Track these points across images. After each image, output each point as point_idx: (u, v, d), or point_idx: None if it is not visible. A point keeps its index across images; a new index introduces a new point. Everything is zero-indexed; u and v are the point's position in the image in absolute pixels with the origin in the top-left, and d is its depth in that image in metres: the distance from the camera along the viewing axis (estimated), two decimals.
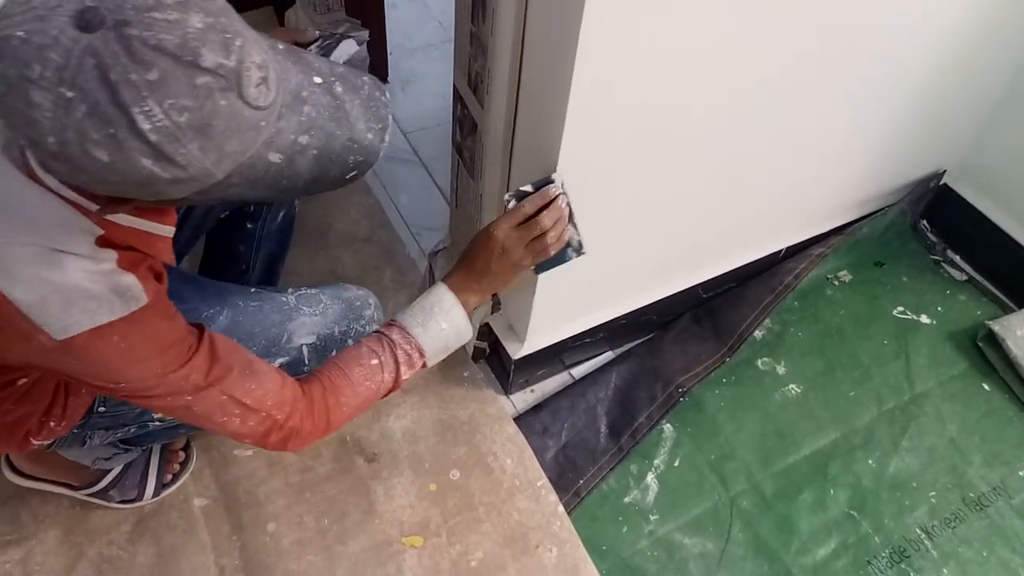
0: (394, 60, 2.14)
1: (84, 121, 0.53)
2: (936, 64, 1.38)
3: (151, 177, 0.57)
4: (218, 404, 0.81)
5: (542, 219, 0.94)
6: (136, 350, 0.73)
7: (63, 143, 0.54)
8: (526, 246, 0.94)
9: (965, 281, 1.77)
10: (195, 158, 0.57)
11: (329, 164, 0.68)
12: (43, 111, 0.53)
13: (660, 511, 1.38)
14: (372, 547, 1.29)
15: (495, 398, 1.49)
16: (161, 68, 0.54)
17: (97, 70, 0.53)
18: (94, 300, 0.69)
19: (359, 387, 0.91)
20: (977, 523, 1.40)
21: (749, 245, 1.60)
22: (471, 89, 1.17)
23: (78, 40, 0.53)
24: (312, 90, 0.66)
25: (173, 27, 0.54)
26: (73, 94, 0.53)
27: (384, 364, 0.92)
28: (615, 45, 0.89)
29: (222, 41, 0.56)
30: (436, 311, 0.94)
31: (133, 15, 0.53)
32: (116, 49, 0.53)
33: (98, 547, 1.25)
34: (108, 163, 0.55)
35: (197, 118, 0.56)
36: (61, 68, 0.52)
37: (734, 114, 1.15)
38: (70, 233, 0.68)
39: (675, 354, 1.57)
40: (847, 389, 1.57)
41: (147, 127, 0.54)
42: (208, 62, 0.55)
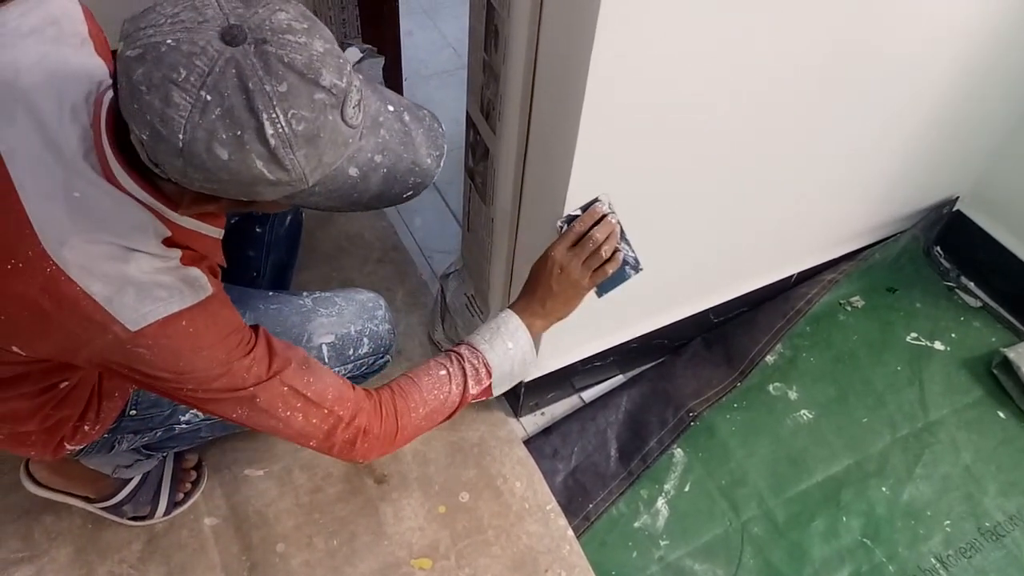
0: (409, 86, 2.17)
1: (216, 122, 0.60)
2: (949, 90, 1.38)
3: (258, 178, 0.63)
4: (280, 396, 0.83)
5: (594, 234, 0.97)
6: (203, 336, 0.77)
7: (192, 141, 0.60)
8: (583, 263, 0.97)
9: (979, 308, 1.76)
10: (299, 164, 0.64)
11: (394, 182, 0.75)
12: (180, 110, 0.59)
13: (670, 536, 1.37)
14: (381, 569, 1.29)
15: (505, 420, 1.50)
16: (290, 82, 0.61)
17: (237, 78, 0.60)
18: (165, 290, 0.74)
19: (427, 394, 0.94)
20: (993, 553, 1.37)
21: (761, 270, 1.60)
22: (483, 115, 1.19)
23: (223, 52, 0.60)
24: (387, 116, 0.74)
25: (302, 48, 0.62)
26: (211, 97, 0.59)
27: (452, 375, 0.95)
28: (626, 74, 0.90)
29: (337, 65, 0.64)
30: (503, 331, 0.98)
31: (271, 35, 0.61)
32: (255, 62, 0.60)
33: (109, 565, 1.26)
34: (225, 161, 0.61)
35: (311, 129, 0.63)
36: (205, 74, 0.59)
37: (747, 139, 1.16)
38: (143, 233, 0.74)
39: (686, 378, 1.56)
40: (860, 415, 1.56)
41: (271, 132, 0.61)
42: (326, 81, 0.63)
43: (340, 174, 0.70)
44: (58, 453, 1.00)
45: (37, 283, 0.71)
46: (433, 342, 1.60)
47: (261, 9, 0.63)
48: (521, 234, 1.25)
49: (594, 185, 1.04)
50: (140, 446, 1.16)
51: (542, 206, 1.13)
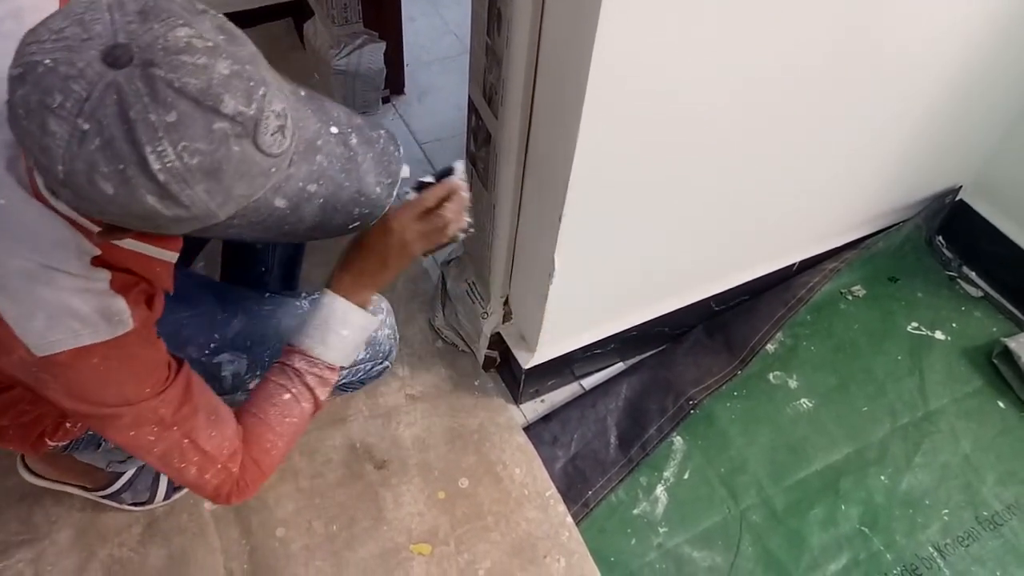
0: (411, 72, 2.16)
1: (96, 154, 0.53)
2: (953, 80, 1.38)
3: (153, 213, 0.57)
4: (179, 447, 0.80)
5: (445, 211, 0.87)
6: (113, 373, 0.73)
7: (71, 172, 0.54)
8: (426, 237, 0.88)
9: (980, 297, 1.76)
10: (200, 200, 0.57)
11: (334, 213, 0.68)
12: (57, 139, 0.53)
13: (669, 524, 1.37)
14: (380, 554, 1.29)
15: (505, 407, 1.50)
16: (181, 111, 0.54)
17: (117, 106, 0.53)
18: (79, 320, 0.69)
19: (279, 427, 0.89)
20: (991, 542, 1.38)
21: (762, 258, 1.60)
22: (486, 101, 1.18)
23: (103, 75, 0.53)
24: (327, 139, 0.66)
25: (199, 72, 0.55)
26: (89, 127, 0.53)
27: (298, 395, 0.89)
28: (630, 58, 0.90)
29: (245, 89, 0.57)
30: (331, 323, 0.90)
31: (162, 56, 0.54)
32: (139, 87, 0.53)
33: (109, 548, 1.26)
34: (112, 196, 0.55)
35: (208, 162, 0.56)
36: (82, 100, 0.53)
37: (750, 126, 1.15)
38: (65, 251, 0.68)
39: (686, 366, 1.56)
40: (860, 404, 1.56)
41: (157, 167, 0.54)
42: (228, 109, 0.56)
43: (264, 206, 0.63)
44: (38, 448, 0.98)
45: None
46: (433, 328, 1.60)
47: (158, 24, 0.55)
48: (523, 220, 1.25)
49: (597, 171, 1.03)
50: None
51: (544, 193, 1.12)
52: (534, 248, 1.23)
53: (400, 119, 2.08)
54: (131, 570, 1.25)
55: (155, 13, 0.55)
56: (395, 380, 1.51)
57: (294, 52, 2.18)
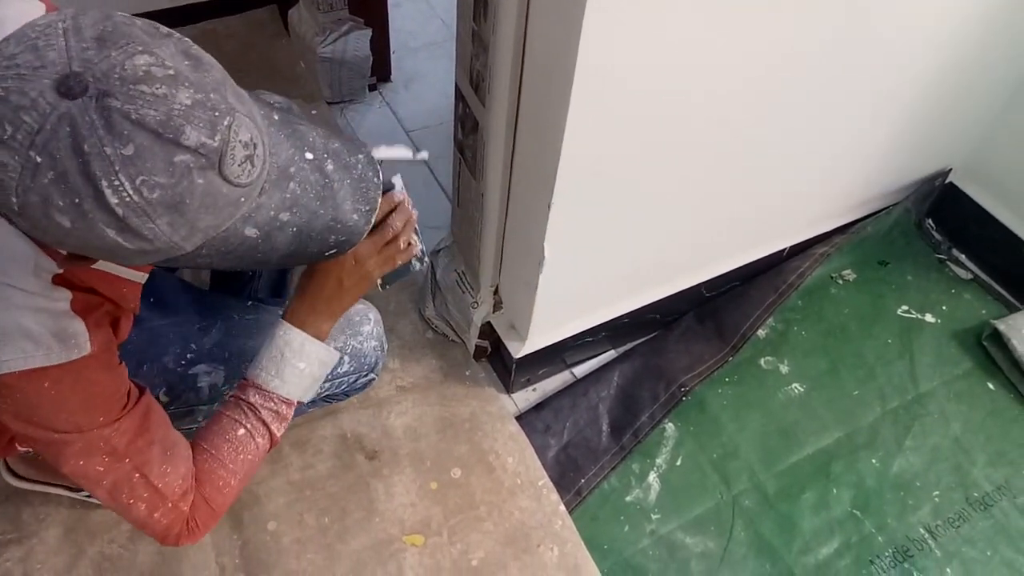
0: (397, 58, 2.14)
1: (50, 187, 0.51)
2: (943, 62, 1.37)
3: (114, 246, 0.55)
4: (128, 482, 0.77)
5: (392, 221, 0.86)
6: (65, 400, 0.70)
7: (25, 205, 0.52)
8: (378, 252, 0.86)
9: (970, 280, 1.76)
10: (163, 233, 0.55)
11: (308, 241, 0.66)
12: (9, 171, 0.51)
13: (662, 510, 1.38)
14: (373, 545, 1.29)
15: (497, 396, 1.49)
16: (138, 143, 0.52)
17: (71, 139, 0.50)
18: (31, 342, 0.66)
19: (233, 464, 0.86)
20: (981, 523, 1.39)
21: (753, 244, 1.59)
22: (472, 87, 1.17)
23: (56, 106, 0.50)
24: (301, 166, 0.64)
25: (159, 102, 0.52)
26: (42, 159, 0.50)
27: (253, 430, 0.87)
28: (618, 41, 0.88)
29: (209, 119, 0.54)
30: (287, 355, 0.88)
31: (118, 86, 0.51)
32: (94, 119, 0.51)
33: (99, 546, 1.25)
34: (69, 229, 0.53)
35: (170, 196, 0.54)
36: (33, 132, 0.50)
37: (739, 111, 1.14)
38: (23, 268, 0.65)
39: (678, 353, 1.56)
40: (851, 388, 1.56)
41: (115, 201, 0.52)
42: (190, 140, 0.53)
43: (233, 236, 0.60)
44: (8, 452, 0.95)
45: None
46: (424, 319, 1.59)
47: (115, 52, 0.52)
48: (512, 209, 1.24)
49: (586, 158, 1.02)
50: None
51: (533, 180, 1.11)
52: (524, 237, 1.22)
53: (387, 106, 2.06)
54: (121, 567, 1.24)
55: (113, 39, 0.53)
56: (386, 372, 1.50)
57: (279, 39, 2.15)
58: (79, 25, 0.53)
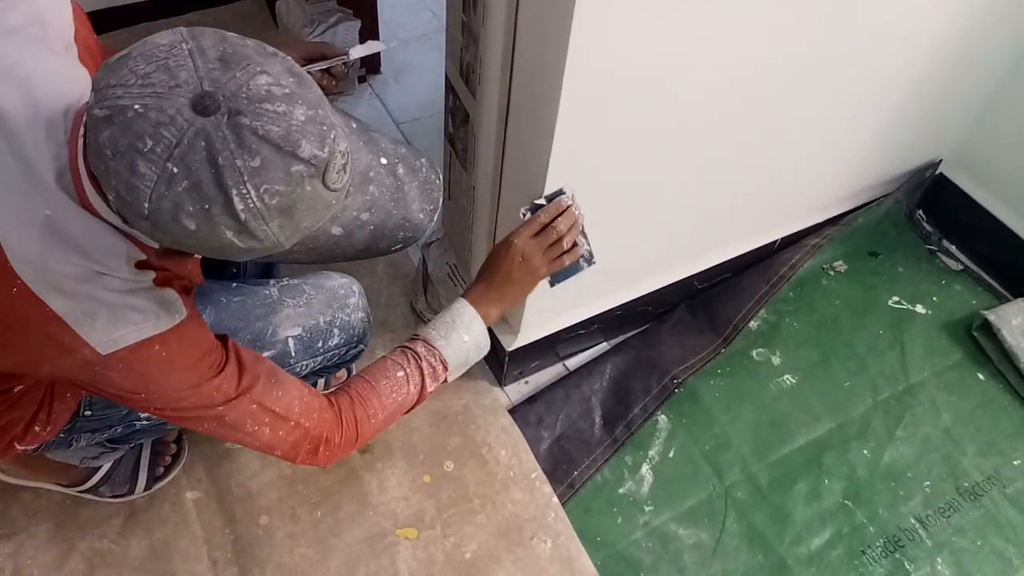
0: (387, 50, 2.12)
1: (183, 195, 0.57)
2: (933, 54, 1.37)
3: (228, 245, 0.61)
4: (249, 413, 0.82)
5: (558, 224, 0.98)
6: (175, 360, 0.75)
7: (156, 211, 0.58)
8: (544, 252, 0.98)
9: (961, 271, 1.77)
10: (273, 233, 0.61)
11: (381, 238, 0.73)
12: (145, 180, 0.56)
13: (655, 502, 1.38)
14: (366, 539, 1.28)
15: (489, 389, 1.49)
16: (264, 156, 0.57)
17: (206, 151, 0.56)
18: (140, 313, 0.72)
19: (386, 399, 0.93)
20: (971, 512, 1.40)
21: (744, 235, 1.59)
22: (463, 79, 1.16)
23: (192, 122, 0.56)
24: (378, 171, 0.71)
25: (280, 119, 0.58)
26: (178, 170, 0.56)
27: (410, 376, 0.94)
28: (608, 33, 0.88)
29: (319, 133, 0.60)
30: (458, 324, 0.96)
31: (246, 105, 0.57)
32: (227, 134, 0.56)
33: (90, 541, 1.25)
34: (193, 231, 0.59)
35: (285, 202, 0.60)
36: (172, 146, 0.56)
37: (730, 103, 1.14)
38: (116, 258, 0.71)
39: (670, 345, 1.56)
40: (842, 379, 1.57)
41: (240, 207, 0.58)
42: (305, 153, 0.59)
43: (322, 234, 0.68)
44: (7, 453, 0.97)
45: (1, 301, 0.68)
46: (416, 312, 1.58)
47: (239, 73, 0.58)
48: (503, 202, 1.23)
49: (577, 152, 1.02)
50: (103, 440, 1.12)
51: (524, 173, 1.10)
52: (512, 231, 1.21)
53: (377, 99, 2.04)
54: (113, 561, 1.23)
55: (235, 60, 0.59)
56: None
57: (267, 31, 2.13)
58: (202, 47, 0.58)
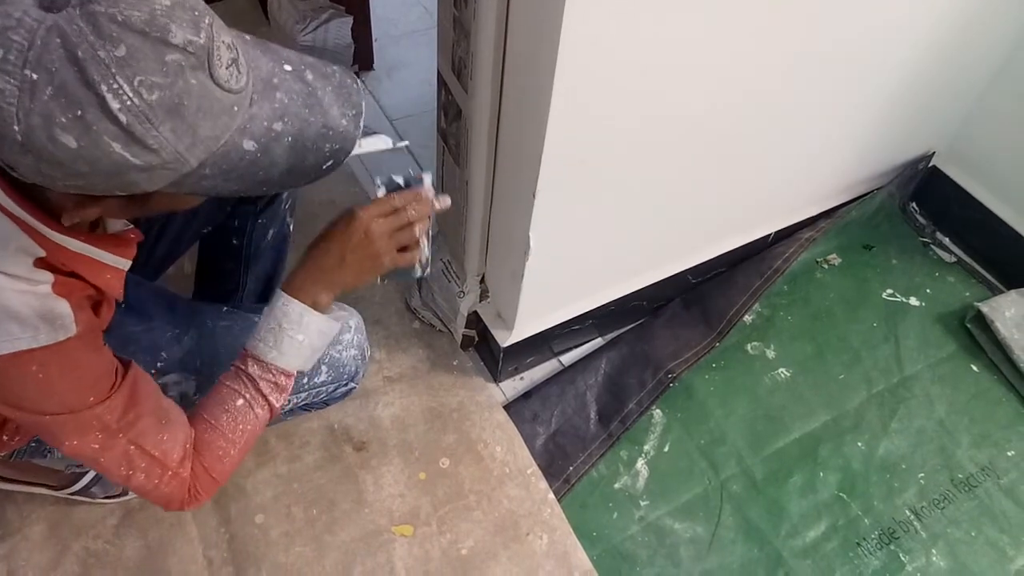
0: (380, 47, 2.12)
1: (50, 103, 0.51)
2: (926, 46, 1.37)
3: (121, 164, 0.55)
4: (125, 455, 0.77)
5: (409, 209, 0.86)
6: (54, 382, 0.69)
7: (29, 130, 0.52)
8: (390, 237, 0.86)
9: (954, 263, 1.77)
10: (167, 141, 0.55)
11: (305, 152, 0.65)
12: (6, 97, 0.51)
13: (650, 497, 1.38)
14: (362, 537, 1.28)
15: (484, 386, 1.49)
16: (129, 44, 0.52)
17: (63, 48, 0.51)
18: (17, 324, 0.65)
19: (232, 434, 0.86)
20: (966, 504, 1.40)
21: (738, 229, 1.59)
22: (455, 74, 1.15)
23: (43, 19, 0.51)
24: (283, 77, 0.64)
25: (140, 3, 0.53)
26: (38, 75, 0.50)
27: (252, 401, 0.87)
28: (601, 25, 0.88)
29: (191, 19, 0.55)
30: (285, 326, 0.86)
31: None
32: (82, 26, 0.51)
33: (84, 542, 1.24)
34: (76, 149, 0.53)
35: (168, 96, 0.54)
36: (25, 49, 0.50)
37: (723, 97, 1.14)
38: (4, 250, 0.65)
39: (665, 340, 1.56)
40: (837, 372, 1.57)
41: (116, 106, 0.52)
42: (177, 39, 0.54)
43: (233, 150, 0.60)
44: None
45: None
46: (410, 309, 1.58)
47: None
48: (496, 197, 1.23)
49: (570, 146, 1.01)
50: None
51: (518, 168, 1.10)
52: (509, 225, 1.21)
53: (370, 95, 2.04)
54: (107, 562, 1.23)
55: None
56: (372, 363, 1.49)
57: (259, 28, 2.12)
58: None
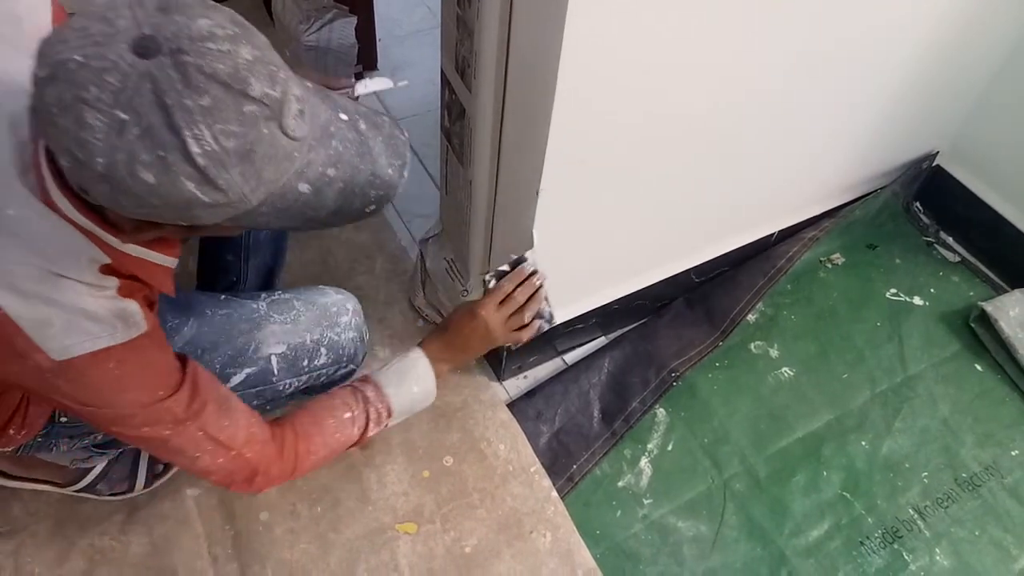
0: (383, 47, 2.12)
1: (136, 143, 0.55)
2: (929, 45, 1.37)
3: (192, 201, 0.59)
4: (193, 439, 0.82)
5: (517, 295, 1.05)
6: (129, 377, 0.74)
7: (111, 164, 0.55)
8: (504, 324, 1.04)
9: (958, 262, 1.77)
10: (235, 184, 0.59)
11: (352, 197, 0.70)
12: (95, 132, 0.54)
13: (654, 495, 1.38)
14: (366, 534, 1.29)
15: (488, 384, 1.49)
16: (213, 95, 0.56)
17: (153, 94, 0.54)
18: (97, 324, 0.70)
19: (329, 438, 0.94)
20: (970, 503, 1.40)
21: (742, 228, 1.60)
22: (458, 74, 1.16)
23: (136, 65, 0.55)
24: (339, 126, 0.69)
25: (225, 57, 0.57)
26: (128, 116, 0.54)
27: (355, 419, 0.96)
28: (604, 24, 0.88)
29: (268, 73, 0.59)
30: (411, 374, 1.00)
31: (189, 44, 0.56)
32: (172, 75, 0.55)
33: (90, 538, 1.25)
34: (153, 185, 0.57)
35: (242, 144, 0.58)
36: (118, 91, 0.54)
37: (726, 95, 1.14)
38: (76, 259, 0.69)
39: (668, 339, 1.56)
40: (840, 371, 1.57)
41: (196, 150, 0.56)
42: (256, 91, 0.58)
43: (289, 191, 0.65)
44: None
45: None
46: (414, 308, 1.58)
47: (179, 16, 0.57)
48: (500, 196, 1.23)
49: (574, 145, 1.02)
50: (89, 445, 1.11)
51: (521, 167, 1.11)
52: (513, 224, 1.21)
53: (374, 95, 2.04)
54: (113, 559, 1.23)
55: (175, 7, 0.58)
56: (376, 361, 1.49)
57: (263, 29, 2.11)
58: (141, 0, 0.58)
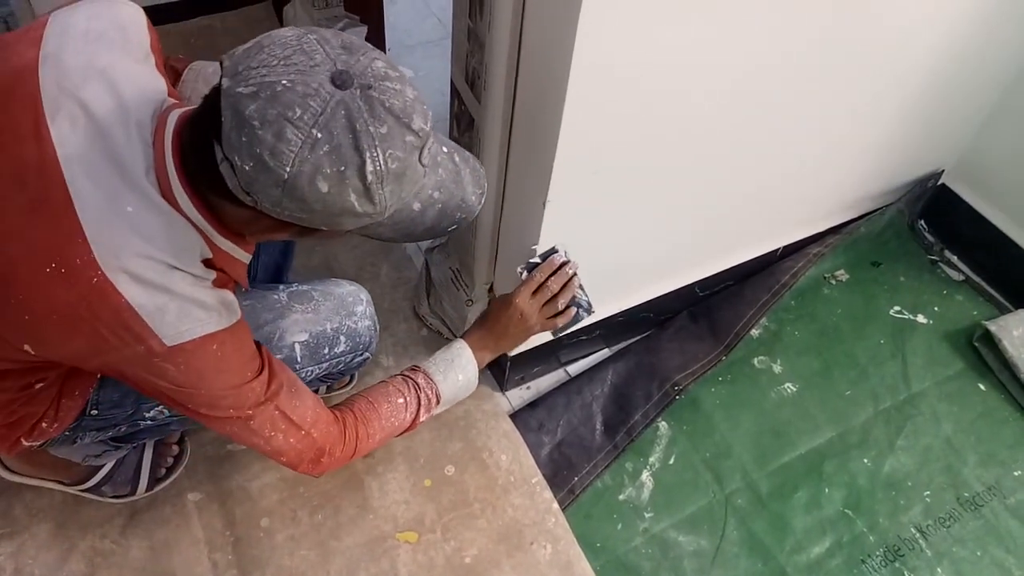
0: (393, 56, 2.12)
1: (323, 158, 0.65)
2: (935, 64, 1.38)
3: (348, 210, 0.69)
4: (271, 419, 0.88)
5: (551, 284, 1.10)
6: (226, 360, 0.81)
7: (297, 173, 0.65)
8: (539, 311, 1.10)
9: (962, 281, 1.77)
10: (385, 199, 0.70)
11: (444, 217, 0.82)
12: (292, 145, 0.64)
13: (655, 509, 1.38)
14: (366, 542, 1.29)
15: (491, 394, 1.49)
16: (389, 125, 0.67)
17: (346, 119, 0.65)
18: (204, 310, 0.77)
19: (385, 421, 1.00)
20: (972, 523, 1.39)
21: (746, 243, 1.60)
22: (468, 85, 1.17)
23: (333, 94, 0.65)
24: (443, 157, 0.81)
25: (398, 95, 0.68)
26: (322, 135, 0.65)
27: (408, 404, 1.02)
28: (613, 39, 0.89)
29: (422, 111, 0.71)
30: (456, 363, 1.06)
31: (374, 81, 0.67)
32: (361, 105, 0.66)
33: (91, 540, 1.25)
34: (324, 194, 0.67)
35: (400, 167, 0.69)
36: (318, 114, 0.64)
37: (734, 111, 1.14)
38: (190, 254, 0.76)
39: (672, 352, 1.57)
40: (843, 388, 1.57)
41: (370, 168, 0.67)
42: (416, 125, 0.69)
43: (406, 209, 0.77)
44: (13, 449, 0.99)
45: (78, 290, 0.71)
46: (418, 316, 1.59)
47: (362, 57, 0.68)
48: (507, 207, 1.24)
49: (581, 157, 1.02)
50: (107, 438, 1.13)
51: (529, 178, 1.11)
52: (519, 234, 1.22)
53: None
54: (113, 562, 1.23)
55: (354, 48, 0.69)
56: (379, 369, 1.50)
57: None
58: (324, 37, 0.68)
